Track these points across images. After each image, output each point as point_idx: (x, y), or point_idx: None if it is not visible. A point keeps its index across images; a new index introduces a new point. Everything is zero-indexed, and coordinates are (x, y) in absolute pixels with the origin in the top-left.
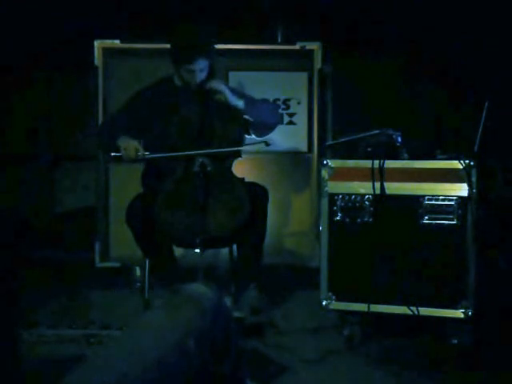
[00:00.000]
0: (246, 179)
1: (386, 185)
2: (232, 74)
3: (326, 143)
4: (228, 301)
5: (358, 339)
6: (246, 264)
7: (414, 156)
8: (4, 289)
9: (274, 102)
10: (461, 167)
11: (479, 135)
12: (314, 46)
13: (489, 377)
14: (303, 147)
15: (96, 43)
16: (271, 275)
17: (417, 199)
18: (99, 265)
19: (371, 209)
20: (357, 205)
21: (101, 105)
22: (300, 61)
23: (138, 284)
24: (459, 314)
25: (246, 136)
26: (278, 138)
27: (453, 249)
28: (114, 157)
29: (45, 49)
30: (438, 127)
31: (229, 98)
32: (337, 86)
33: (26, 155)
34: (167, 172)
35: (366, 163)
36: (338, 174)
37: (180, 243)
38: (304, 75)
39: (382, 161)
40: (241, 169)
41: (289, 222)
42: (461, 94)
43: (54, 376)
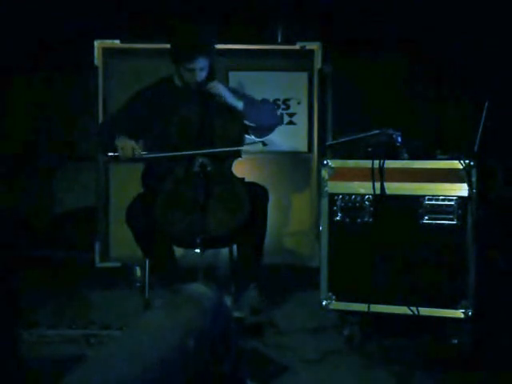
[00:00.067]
0: (246, 179)
1: (386, 185)
2: (232, 74)
3: (326, 143)
4: (228, 301)
5: (358, 339)
6: (245, 264)
7: (414, 156)
8: (4, 289)
9: (274, 102)
10: (461, 167)
11: (479, 135)
12: (314, 46)
13: (489, 377)
14: (303, 147)
15: (96, 43)
16: (271, 275)
17: (417, 199)
18: (99, 265)
19: (371, 209)
20: (357, 205)
21: (101, 105)
22: (300, 61)
23: (138, 284)
24: (459, 314)
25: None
26: (278, 138)
27: (453, 249)
28: (111, 156)
29: (45, 49)
30: (438, 127)
31: (228, 99)
32: (337, 86)
33: (26, 155)
34: (167, 172)
35: (366, 163)
36: (338, 174)
37: (180, 243)
38: (304, 75)
39: (382, 161)
40: (241, 169)
41: (289, 222)
42: (461, 93)
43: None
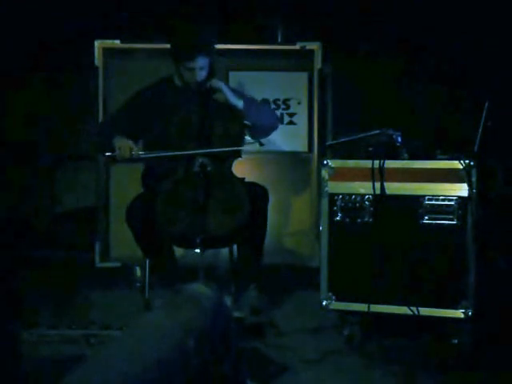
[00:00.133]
0: (246, 179)
1: (386, 185)
2: (232, 74)
3: (327, 143)
4: (228, 301)
5: (358, 339)
6: (246, 264)
7: (414, 156)
8: (4, 289)
9: (274, 102)
10: (461, 167)
11: (479, 135)
12: (314, 46)
13: (489, 377)
14: (303, 147)
15: (96, 43)
16: (271, 275)
17: (417, 199)
18: (99, 265)
19: (371, 209)
20: (357, 205)
21: (101, 105)
22: (300, 61)
23: (138, 284)
24: (459, 314)
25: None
26: (278, 138)
27: (453, 249)
28: (108, 156)
29: (45, 49)
30: (437, 127)
31: (228, 97)
32: (337, 86)
33: (26, 155)
34: (167, 172)
35: (366, 163)
36: (338, 174)
37: (180, 243)
38: (304, 75)
39: (382, 161)
40: (241, 169)
41: (289, 222)
42: (461, 93)
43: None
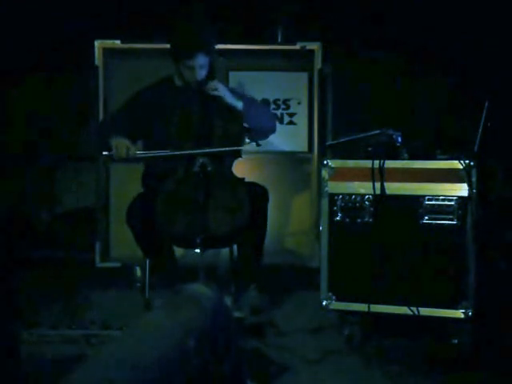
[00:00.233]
0: (246, 179)
1: (386, 185)
2: (232, 74)
3: (327, 143)
4: (228, 301)
5: (358, 339)
6: (246, 264)
7: (414, 156)
8: (4, 289)
9: (274, 102)
10: (461, 167)
11: (479, 135)
12: (314, 46)
13: (489, 377)
14: (303, 147)
15: (96, 43)
16: (271, 275)
17: (417, 199)
18: (99, 265)
19: (371, 209)
20: (357, 205)
21: (101, 105)
22: (300, 61)
23: (139, 284)
24: (459, 314)
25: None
26: (278, 138)
27: (453, 249)
28: (105, 156)
29: (45, 49)
30: (437, 127)
31: (228, 98)
32: (337, 86)
33: (26, 155)
34: (167, 172)
35: (366, 163)
36: (339, 174)
37: (180, 243)
38: (304, 75)
39: (382, 161)
40: (241, 169)
41: (289, 222)
42: (461, 94)
43: (54, 376)
